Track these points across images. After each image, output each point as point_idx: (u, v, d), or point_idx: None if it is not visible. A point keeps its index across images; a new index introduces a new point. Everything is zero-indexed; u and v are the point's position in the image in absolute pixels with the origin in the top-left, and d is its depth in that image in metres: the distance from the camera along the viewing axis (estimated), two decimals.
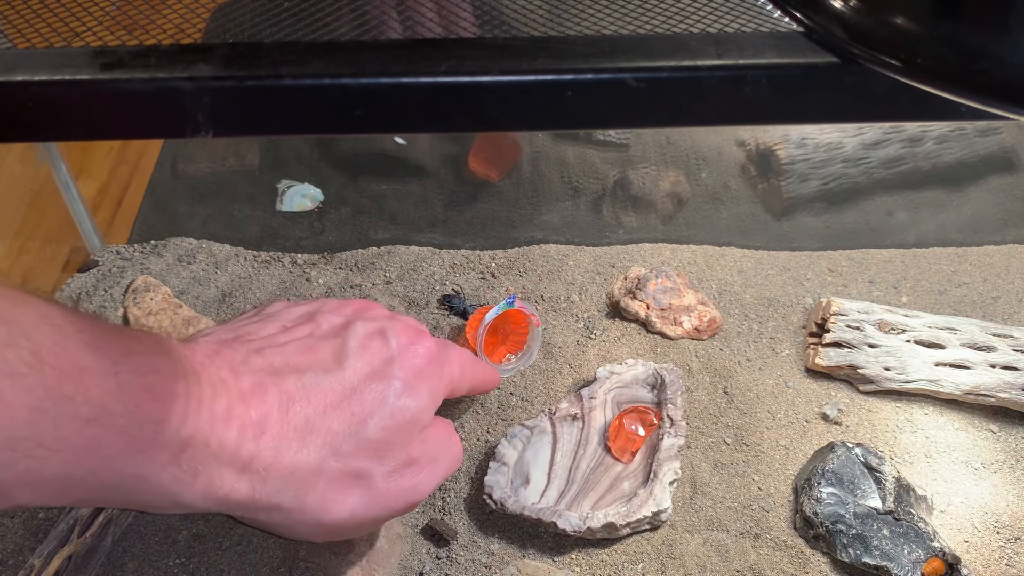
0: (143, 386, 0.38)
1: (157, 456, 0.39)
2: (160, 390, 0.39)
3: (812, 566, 0.57)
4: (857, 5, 0.34)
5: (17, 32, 0.36)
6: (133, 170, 0.86)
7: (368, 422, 0.46)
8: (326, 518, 0.45)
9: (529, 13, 0.36)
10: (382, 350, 0.48)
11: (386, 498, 0.47)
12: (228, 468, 0.42)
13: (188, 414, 0.40)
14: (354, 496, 0.46)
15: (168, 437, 0.39)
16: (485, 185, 0.86)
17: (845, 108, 0.34)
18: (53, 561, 0.52)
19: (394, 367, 0.48)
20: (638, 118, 0.36)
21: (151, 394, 0.38)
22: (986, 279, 0.76)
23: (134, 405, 0.37)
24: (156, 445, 0.39)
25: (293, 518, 0.45)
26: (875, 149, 0.83)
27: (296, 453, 0.44)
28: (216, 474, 0.42)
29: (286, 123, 0.34)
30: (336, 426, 0.45)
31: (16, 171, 0.70)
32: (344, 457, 0.45)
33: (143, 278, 0.72)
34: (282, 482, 0.44)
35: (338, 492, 0.45)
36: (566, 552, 0.57)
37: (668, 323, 0.70)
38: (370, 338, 0.49)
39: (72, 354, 0.36)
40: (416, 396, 0.48)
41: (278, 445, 0.43)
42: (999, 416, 0.66)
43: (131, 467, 0.38)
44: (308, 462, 0.44)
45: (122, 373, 0.37)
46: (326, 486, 0.45)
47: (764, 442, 0.63)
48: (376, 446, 0.46)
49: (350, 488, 0.46)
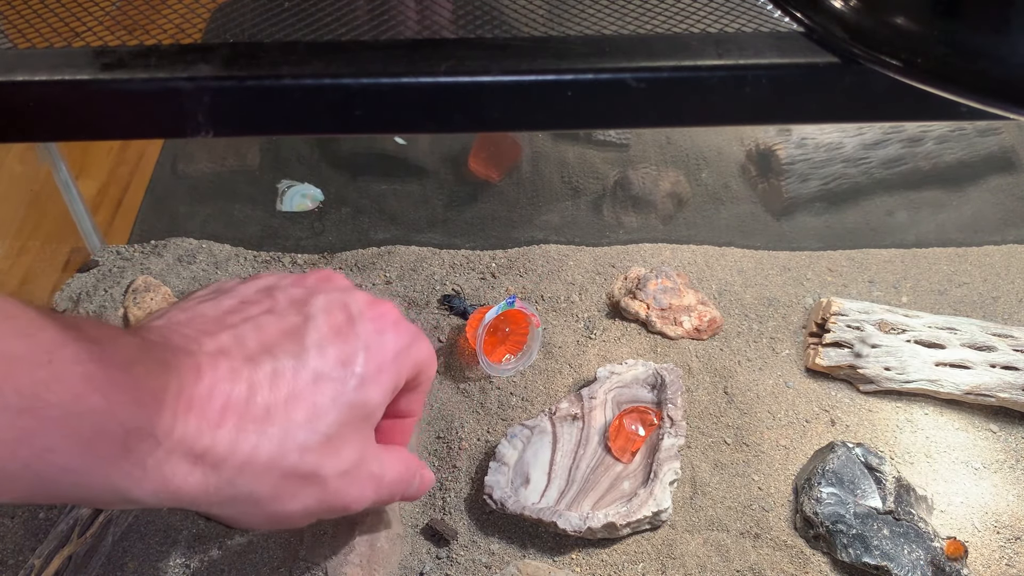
0: (81, 375, 0.36)
1: (100, 449, 0.37)
2: (101, 379, 0.37)
3: (812, 566, 0.57)
4: (857, 5, 0.34)
5: (17, 32, 0.36)
6: (133, 170, 0.86)
7: (324, 416, 0.44)
8: (279, 510, 0.44)
9: (529, 13, 0.36)
10: (348, 332, 0.46)
11: (332, 498, 0.45)
12: (180, 460, 0.40)
13: (134, 404, 0.38)
14: (306, 494, 0.44)
15: (111, 428, 0.37)
16: (485, 185, 0.86)
17: (845, 108, 0.34)
18: (53, 561, 0.52)
19: (358, 355, 0.45)
20: (638, 118, 0.36)
21: (91, 383, 0.36)
22: (986, 279, 0.76)
23: (71, 395, 0.35)
24: (98, 437, 0.37)
25: (245, 509, 0.43)
26: (875, 149, 0.83)
27: (254, 445, 0.42)
28: (167, 467, 0.39)
29: (286, 123, 0.34)
30: (295, 416, 0.43)
31: (16, 171, 0.70)
32: (303, 451, 0.43)
33: (143, 278, 0.72)
34: (237, 474, 0.42)
35: (292, 488, 0.44)
36: (566, 552, 0.57)
37: (668, 323, 0.70)
38: (335, 315, 0.46)
39: (1, 343, 0.34)
40: (372, 389, 0.46)
41: (234, 435, 0.41)
42: (999, 416, 0.66)
43: (72, 461, 0.36)
44: (265, 454, 0.42)
45: (56, 362, 0.35)
46: (281, 481, 0.43)
47: (764, 442, 0.63)
48: (328, 440, 0.44)
49: (303, 486, 0.44)
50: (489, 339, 0.66)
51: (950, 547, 0.56)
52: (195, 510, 0.44)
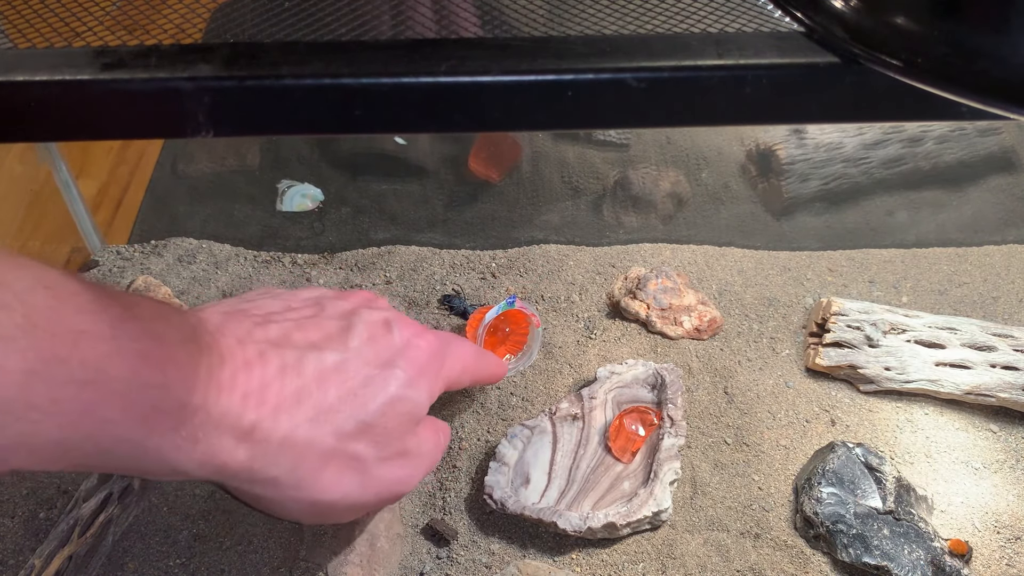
0: (140, 351, 0.38)
1: (156, 422, 0.39)
2: (159, 356, 0.39)
3: (812, 566, 0.57)
4: (858, 5, 0.34)
5: (17, 32, 0.36)
6: (133, 170, 0.86)
7: (369, 405, 0.46)
8: (320, 497, 0.46)
9: (529, 13, 0.36)
10: (386, 339, 0.49)
11: (378, 484, 0.48)
12: (228, 436, 0.42)
13: (188, 380, 0.40)
14: (349, 478, 0.46)
15: (168, 403, 0.39)
16: (485, 185, 0.86)
17: (845, 108, 0.34)
18: (54, 561, 0.52)
19: (398, 358, 0.48)
20: (638, 118, 0.36)
21: (149, 360, 0.38)
22: (986, 279, 0.76)
23: (131, 370, 0.37)
24: (155, 411, 0.38)
25: (286, 494, 0.45)
26: (875, 149, 0.83)
27: (297, 426, 0.44)
28: (216, 441, 0.41)
29: (286, 123, 0.34)
30: (337, 404, 0.45)
31: (16, 171, 0.70)
32: (343, 437, 0.45)
33: (143, 278, 0.72)
34: (280, 454, 0.44)
35: (334, 472, 0.46)
36: (566, 552, 0.57)
37: (668, 323, 0.70)
38: (375, 326, 0.49)
39: (67, 318, 0.35)
40: (416, 389, 0.49)
41: (279, 416, 0.43)
42: (999, 416, 0.66)
43: (129, 432, 0.38)
44: (308, 436, 0.44)
45: (120, 338, 0.37)
46: (323, 464, 0.45)
47: (764, 442, 0.63)
48: (374, 431, 0.47)
49: (345, 469, 0.46)
50: (489, 339, 0.66)
51: (954, 544, 0.56)
52: (237, 487, 0.45)
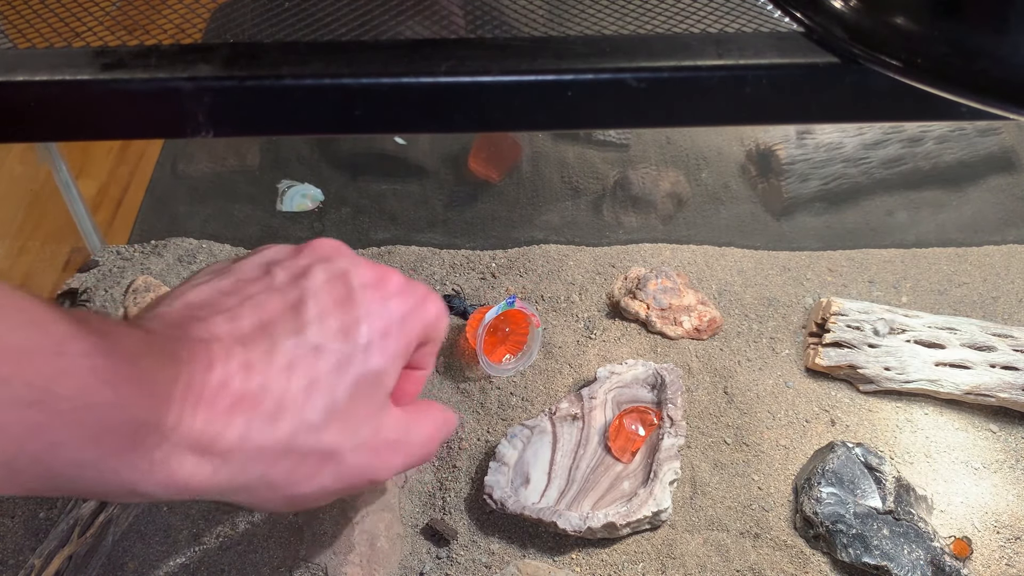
0: (90, 368, 0.35)
1: (109, 443, 0.36)
2: (109, 373, 0.36)
3: (812, 566, 0.57)
4: (857, 5, 0.34)
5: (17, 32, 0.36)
6: (133, 170, 0.86)
7: (336, 391, 0.43)
8: (295, 492, 0.43)
9: (529, 13, 0.36)
10: (347, 302, 0.44)
11: (353, 471, 0.45)
12: (187, 452, 0.39)
13: (141, 397, 0.37)
14: (323, 471, 0.44)
15: (120, 422, 0.36)
16: (485, 185, 0.86)
17: (845, 108, 0.34)
18: (54, 561, 0.52)
19: (358, 321, 0.44)
20: (638, 118, 0.36)
21: (99, 377, 0.36)
22: (986, 279, 0.76)
23: (80, 389, 0.35)
24: (107, 431, 0.36)
25: (262, 495, 0.43)
26: (875, 149, 0.83)
27: (260, 430, 0.41)
28: (174, 460, 0.39)
29: (286, 123, 0.34)
30: (301, 396, 0.42)
31: (16, 171, 0.70)
32: (312, 431, 0.42)
33: (143, 278, 0.72)
34: (248, 462, 0.41)
35: (307, 468, 0.43)
36: (566, 552, 0.57)
37: (668, 323, 0.70)
38: (331, 285, 0.45)
39: (9, 333, 0.33)
40: (384, 358, 0.44)
41: (240, 422, 0.40)
42: (999, 416, 0.66)
43: (80, 454, 0.36)
44: (275, 439, 0.41)
45: (68, 355, 0.35)
46: (294, 463, 0.42)
47: (764, 442, 0.63)
48: (343, 416, 0.43)
49: (319, 464, 0.43)
50: (489, 339, 0.66)
51: (957, 547, 0.56)
52: (208, 500, 0.43)
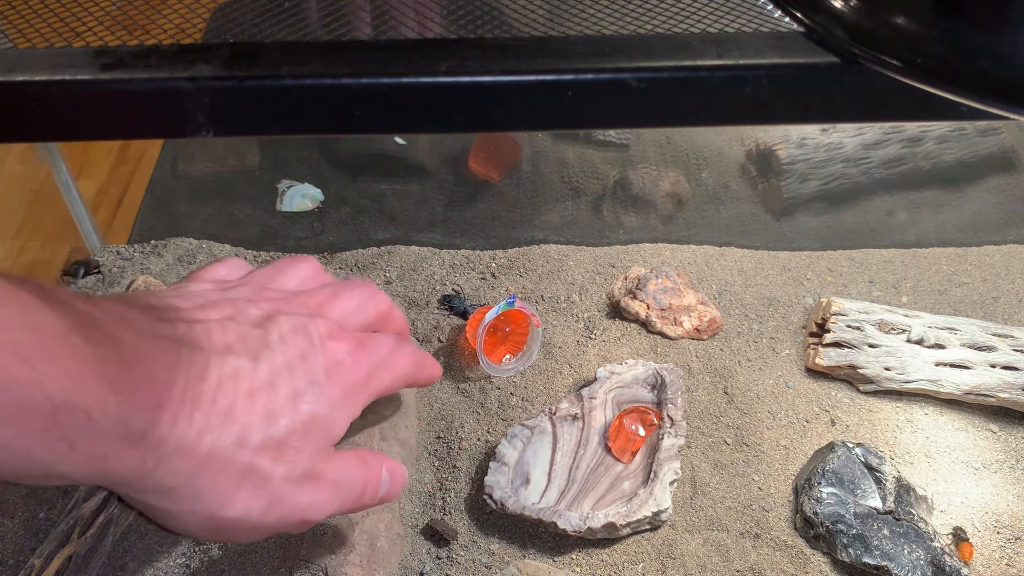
0: (7, 343, 0.34)
1: (24, 422, 0.35)
2: (29, 348, 0.35)
3: (812, 566, 0.57)
4: (857, 5, 0.34)
5: (17, 32, 0.36)
6: (133, 170, 0.86)
7: (279, 420, 0.43)
8: (220, 513, 0.42)
9: (529, 13, 0.36)
10: (304, 349, 0.45)
11: (283, 507, 0.44)
12: (113, 439, 0.38)
13: (65, 375, 0.36)
14: (252, 495, 0.43)
15: (37, 400, 0.35)
16: (485, 185, 0.86)
17: (845, 108, 0.34)
18: (54, 561, 0.52)
19: (314, 371, 0.45)
20: (638, 118, 0.36)
21: (17, 353, 0.35)
22: (986, 279, 0.76)
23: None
24: (23, 409, 0.35)
25: (182, 506, 0.42)
26: (875, 149, 0.83)
27: (197, 433, 0.41)
28: (99, 445, 0.38)
29: (286, 123, 0.34)
30: (244, 415, 0.42)
31: (16, 171, 0.70)
32: (248, 450, 0.42)
33: (143, 278, 0.72)
34: (177, 462, 0.40)
35: (236, 488, 0.42)
36: (566, 552, 0.57)
37: (668, 323, 0.70)
38: (294, 333, 0.46)
39: None
40: (333, 404, 0.45)
41: (177, 420, 0.40)
42: (999, 416, 0.66)
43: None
44: (210, 445, 0.41)
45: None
46: (224, 477, 0.42)
47: (764, 442, 0.63)
48: (282, 448, 0.43)
49: (249, 486, 0.43)
50: (489, 339, 0.66)
51: (964, 551, 0.56)
52: (127, 494, 0.42)
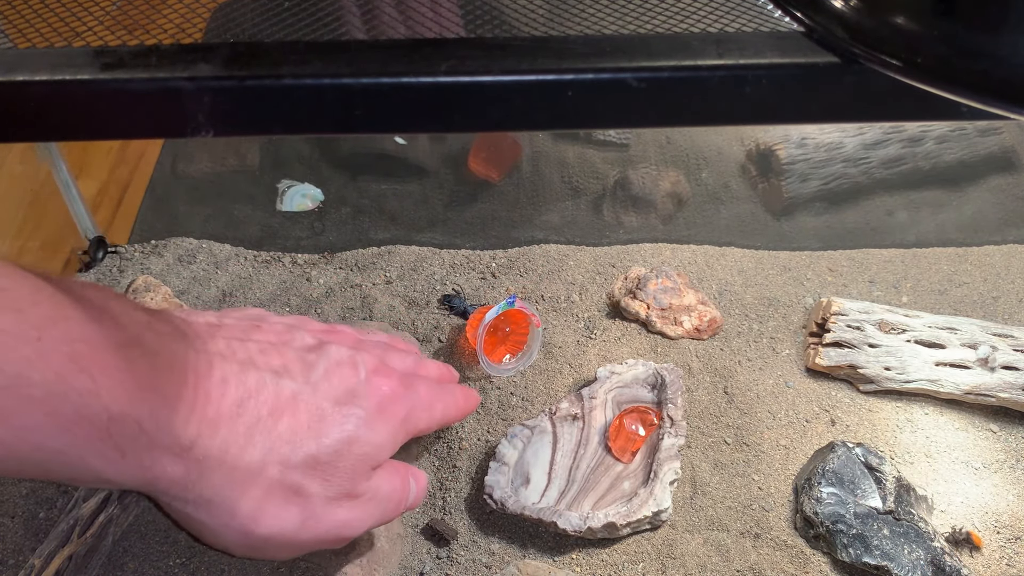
0: (69, 355, 0.35)
1: (80, 430, 0.36)
2: (89, 360, 0.36)
3: (812, 566, 0.57)
4: (858, 5, 0.34)
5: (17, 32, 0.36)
6: (133, 170, 0.86)
7: (321, 440, 0.44)
8: (255, 529, 0.43)
9: (529, 13, 0.36)
10: (350, 377, 0.47)
11: (319, 524, 0.45)
12: (162, 450, 0.39)
13: (121, 387, 0.37)
14: (289, 512, 0.44)
15: (94, 411, 0.36)
16: (485, 185, 0.86)
17: (845, 108, 0.34)
18: (54, 561, 0.52)
19: (359, 398, 0.47)
20: (638, 118, 0.36)
21: (78, 364, 0.36)
22: (986, 279, 0.76)
23: (55, 375, 0.35)
24: (80, 419, 0.36)
25: (219, 519, 0.43)
26: (875, 149, 0.83)
27: (241, 449, 0.42)
28: (147, 455, 0.39)
29: (286, 123, 0.34)
30: (288, 435, 0.43)
31: (16, 171, 0.70)
32: (289, 468, 0.43)
33: (143, 278, 0.72)
34: (218, 475, 0.41)
35: (273, 504, 0.43)
36: (566, 552, 0.57)
37: (668, 323, 0.70)
38: (341, 364, 0.48)
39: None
40: (375, 431, 0.47)
41: (223, 435, 0.41)
42: (999, 416, 0.66)
43: (48, 440, 0.36)
44: (251, 461, 0.42)
45: (45, 340, 0.35)
46: (263, 494, 0.43)
47: (764, 442, 0.63)
48: (323, 466, 0.44)
49: (286, 502, 0.44)
50: (489, 339, 0.66)
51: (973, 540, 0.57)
52: (168, 503, 0.43)
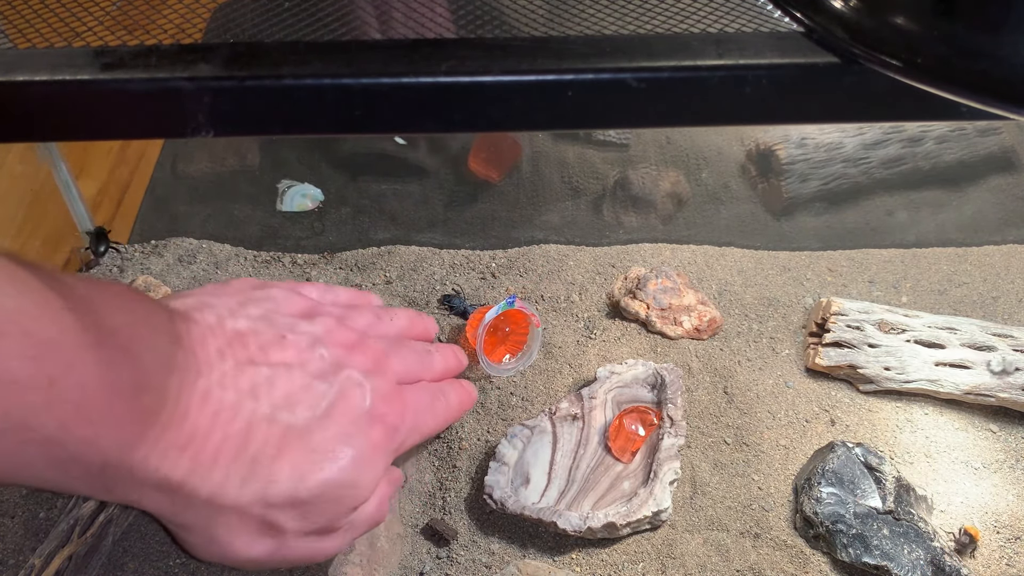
0: (78, 404, 0.36)
1: (73, 471, 0.38)
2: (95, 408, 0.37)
3: (812, 566, 0.57)
4: (857, 5, 0.34)
5: (17, 32, 0.36)
6: (133, 170, 0.86)
7: (306, 482, 0.45)
8: (229, 553, 0.46)
9: (529, 13, 0.36)
10: (354, 410, 0.48)
11: (291, 552, 0.47)
12: (152, 488, 0.42)
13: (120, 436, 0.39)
14: (262, 543, 0.46)
15: (90, 457, 0.38)
16: (485, 185, 0.86)
17: (845, 108, 0.34)
18: (54, 561, 0.52)
19: (354, 438, 0.47)
20: (638, 118, 0.36)
21: (82, 414, 0.37)
22: (986, 279, 0.76)
23: (59, 423, 0.36)
24: (74, 462, 0.38)
25: (196, 540, 0.46)
26: (875, 149, 0.83)
27: (226, 486, 0.43)
28: (135, 491, 0.42)
29: (286, 123, 0.34)
30: (275, 474, 0.44)
31: (16, 171, 0.70)
32: (269, 506, 0.44)
33: (143, 278, 0.72)
34: (201, 508, 0.44)
35: (248, 534, 0.45)
36: (566, 552, 0.57)
37: (668, 323, 0.70)
38: (351, 394, 0.48)
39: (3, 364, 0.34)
40: (363, 472, 0.47)
41: (212, 473, 0.43)
42: (999, 416, 0.66)
43: (42, 473, 0.38)
44: (234, 499, 0.44)
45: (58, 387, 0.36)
46: (239, 525, 0.45)
47: (764, 442, 0.63)
48: (303, 506, 0.45)
49: (261, 536, 0.45)
50: (489, 339, 0.66)
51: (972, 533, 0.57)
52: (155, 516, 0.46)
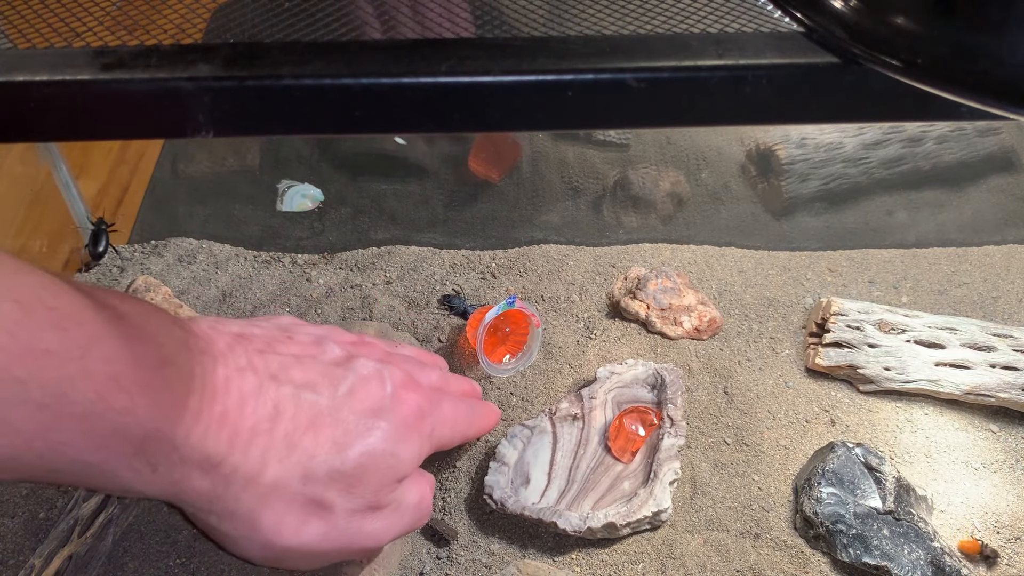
0: (110, 374, 0.36)
1: (114, 446, 0.37)
2: (129, 379, 0.37)
3: (812, 566, 0.57)
4: (857, 5, 0.34)
5: (17, 32, 0.36)
6: (133, 170, 0.86)
7: (347, 452, 0.45)
8: (277, 541, 0.44)
9: (529, 13, 0.36)
10: (376, 392, 0.48)
11: (342, 536, 0.46)
12: (192, 466, 0.41)
13: (158, 406, 0.38)
14: (311, 525, 0.45)
15: (132, 429, 0.37)
16: (485, 185, 0.86)
17: (845, 108, 0.34)
18: (54, 561, 0.52)
19: (384, 412, 0.48)
20: (638, 118, 0.36)
21: (118, 383, 0.37)
22: (986, 279, 0.76)
23: (96, 393, 0.36)
24: (116, 435, 0.37)
25: (243, 532, 0.44)
26: (875, 149, 0.83)
27: (267, 464, 0.43)
28: (178, 471, 0.40)
29: (286, 123, 0.34)
30: (313, 448, 0.44)
31: (16, 171, 0.70)
32: (312, 481, 0.44)
33: (143, 278, 0.72)
34: (244, 490, 0.43)
35: (295, 516, 0.44)
36: (566, 552, 0.57)
37: (668, 323, 0.70)
38: (368, 379, 0.48)
39: (32, 335, 0.34)
40: (400, 444, 0.48)
41: (251, 451, 0.42)
42: (999, 416, 0.66)
43: (83, 455, 0.37)
44: (276, 477, 0.43)
45: (88, 359, 0.35)
46: (285, 507, 0.44)
47: (764, 442, 0.63)
48: (346, 479, 0.45)
49: (309, 516, 0.45)
50: (489, 339, 0.66)
51: (965, 545, 0.57)
52: (193, 513, 0.44)
